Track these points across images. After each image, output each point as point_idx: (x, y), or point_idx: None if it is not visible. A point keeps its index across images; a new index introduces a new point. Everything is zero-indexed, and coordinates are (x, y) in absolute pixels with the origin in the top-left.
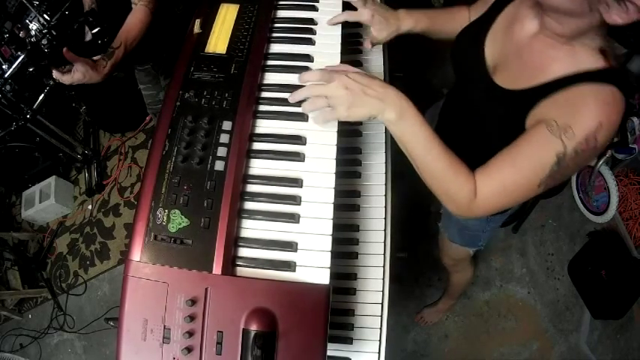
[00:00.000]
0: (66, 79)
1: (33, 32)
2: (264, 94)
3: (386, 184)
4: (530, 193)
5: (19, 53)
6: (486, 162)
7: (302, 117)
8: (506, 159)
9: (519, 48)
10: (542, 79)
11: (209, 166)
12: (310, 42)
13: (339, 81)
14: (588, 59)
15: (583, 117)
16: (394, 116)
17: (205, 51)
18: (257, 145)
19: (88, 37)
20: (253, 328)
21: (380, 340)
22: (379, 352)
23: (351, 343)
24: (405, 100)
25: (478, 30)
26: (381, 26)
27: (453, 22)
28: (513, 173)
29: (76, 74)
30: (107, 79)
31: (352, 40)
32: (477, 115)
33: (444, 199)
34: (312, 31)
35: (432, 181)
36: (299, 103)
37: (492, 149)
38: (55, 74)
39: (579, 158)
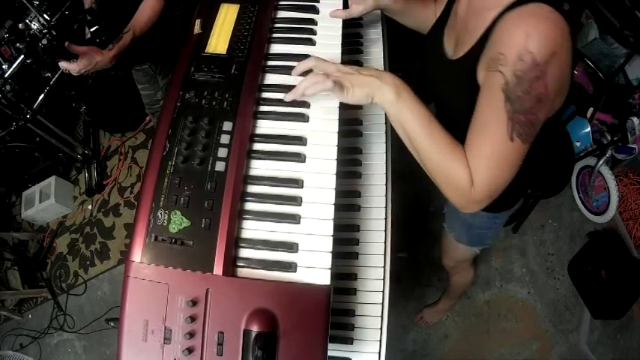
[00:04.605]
0: (73, 67)
1: (32, 32)
2: (265, 95)
3: (386, 185)
4: (511, 153)
5: (18, 45)
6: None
7: (303, 118)
8: (472, 130)
9: (464, 19)
10: (480, 32)
11: (210, 166)
12: (310, 42)
13: (335, 66)
14: None
15: (509, 37)
16: (392, 95)
17: (206, 51)
18: (258, 146)
19: (88, 37)
20: (254, 328)
21: (380, 341)
22: (379, 353)
23: (352, 344)
24: (399, 79)
25: (437, 26)
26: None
27: (424, 10)
28: (484, 140)
29: (82, 61)
30: (107, 79)
31: (352, 40)
32: (443, 98)
33: (446, 187)
34: (312, 32)
35: (431, 163)
36: (299, 104)
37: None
38: (63, 64)
39: (525, 82)
